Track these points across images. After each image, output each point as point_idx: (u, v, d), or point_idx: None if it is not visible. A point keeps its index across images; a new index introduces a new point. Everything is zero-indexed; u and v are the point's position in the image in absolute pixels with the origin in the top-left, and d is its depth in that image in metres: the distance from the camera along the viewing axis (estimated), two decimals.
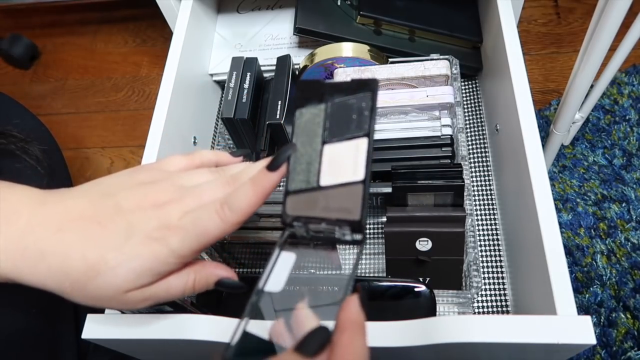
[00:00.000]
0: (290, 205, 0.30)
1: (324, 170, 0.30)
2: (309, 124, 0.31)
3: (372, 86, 0.30)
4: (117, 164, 0.98)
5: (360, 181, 0.29)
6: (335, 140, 0.30)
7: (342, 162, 0.30)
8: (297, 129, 0.32)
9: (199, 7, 0.64)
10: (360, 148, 0.29)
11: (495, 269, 0.54)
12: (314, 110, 0.31)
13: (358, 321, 0.25)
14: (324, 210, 0.29)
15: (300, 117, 0.32)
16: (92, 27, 1.18)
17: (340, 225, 0.29)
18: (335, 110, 0.31)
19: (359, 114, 0.30)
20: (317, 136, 0.31)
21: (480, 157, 0.62)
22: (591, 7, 0.55)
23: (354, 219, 0.28)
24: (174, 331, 0.36)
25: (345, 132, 0.30)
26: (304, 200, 0.30)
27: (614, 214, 0.74)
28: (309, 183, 0.30)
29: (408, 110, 0.53)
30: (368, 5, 0.61)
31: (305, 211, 0.30)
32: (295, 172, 0.31)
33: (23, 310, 0.45)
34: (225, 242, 0.52)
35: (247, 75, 0.60)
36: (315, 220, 0.30)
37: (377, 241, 0.58)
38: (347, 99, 0.31)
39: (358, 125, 0.30)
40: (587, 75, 0.59)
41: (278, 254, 0.30)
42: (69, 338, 0.51)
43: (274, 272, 0.29)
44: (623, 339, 0.64)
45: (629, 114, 0.83)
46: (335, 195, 0.29)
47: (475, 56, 0.66)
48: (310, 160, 0.31)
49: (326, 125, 0.31)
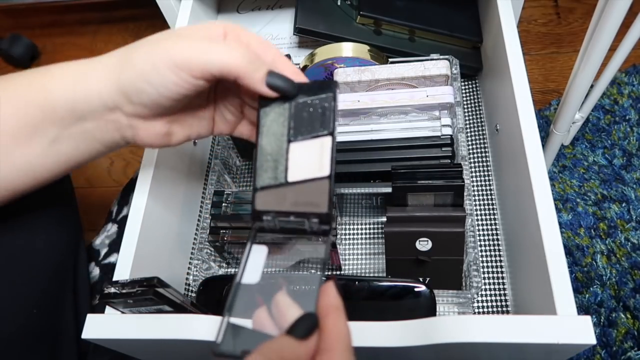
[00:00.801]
0: (259, 201, 0.32)
1: (291, 167, 0.32)
2: (274, 123, 0.33)
3: (332, 88, 0.32)
4: (117, 164, 0.98)
5: (326, 176, 0.31)
6: (301, 139, 0.32)
7: (308, 159, 0.32)
8: (262, 127, 0.33)
9: (199, 7, 0.64)
10: (325, 146, 0.32)
11: (495, 269, 0.54)
12: (278, 109, 0.33)
13: (337, 305, 0.27)
14: (293, 204, 0.31)
15: (265, 116, 0.33)
16: (92, 27, 1.18)
17: (309, 218, 0.31)
18: (298, 110, 0.33)
19: (322, 114, 0.32)
20: (282, 135, 0.33)
21: (480, 157, 0.62)
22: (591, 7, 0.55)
23: (322, 212, 0.30)
24: (174, 331, 0.36)
25: (310, 131, 0.32)
26: (273, 196, 0.32)
27: (614, 214, 0.74)
28: (276, 179, 0.32)
29: (408, 110, 0.53)
30: (368, 5, 0.61)
31: (275, 206, 0.32)
32: (263, 169, 0.33)
33: (23, 310, 0.45)
34: (226, 242, 0.52)
35: None
36: (284, 214, 0.32)
37: (377, 241, 0.58)
38: (310, 99, 0.33)
39: (322, 124, 0.32)
40: (587, 75, 0.59)
41: (250, 247, 0.32)
42: (69, 338, 0.51)
43: (249, 265, 0.31)
44: (623, 339, 0.64)
45: (629, 114, 0.83)
46: (303, 190, 0.31)
47: (475, 56, 0.66)
48: (277, 157, 0.32)
49: (291, 125, 0.33)
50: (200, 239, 0.53)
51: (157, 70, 0.32)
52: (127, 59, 0.34)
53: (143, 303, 0.38)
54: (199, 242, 0.53)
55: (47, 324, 0.48)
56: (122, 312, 0.40)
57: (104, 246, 0.68)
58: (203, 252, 0.53)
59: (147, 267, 0.45)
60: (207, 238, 0.52)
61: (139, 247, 0.44)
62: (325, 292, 0.28)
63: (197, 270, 0.54)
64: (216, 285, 0.51)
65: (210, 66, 0.31)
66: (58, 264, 0.50)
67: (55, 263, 0.50)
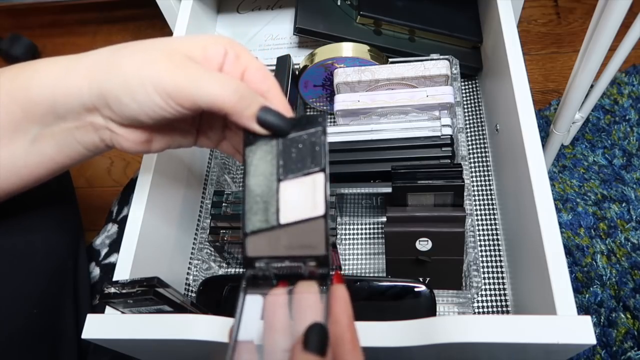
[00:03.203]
0: (251, 247, 0.30)
1: (282, 208, 0.30)
2: (262, 162, 0.31)
3: (321, 122, 0.30)
4: (117, 164, 0.98)
5: (321, 216, 0.29)
6: (291, 177, 0.30)
7: (301, 198, 0.30)
8: (249, 167, 0.31)
9: (199, 7, 0.64)
10: (317, 183, 0.30)
11: (495, 269, 0.54)
12: (264, 147, 0.31)
13: (352, 314, 0.27)
14: (287, 248, 0.29)
15: (252, 154, 0.31)
16: (92, 27, 1.18)
17: (306, 261, 0.29)
18: (287, 146, 0.31)
19: (312, 149, 0.30)
20: (272, 174, 0.31)
21: (480, 157, 0.62)
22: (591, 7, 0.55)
23: (319, 254, 0.29)
24: (174, 331, 0.36)
25: (300, 168, 0.30)
26: (265, 240, 0.30)
27: (614, 214, 0.74)
28: (268, 222, 0.30)
29: (408, 110, 0.53)
30: (368, 5, 0.61)
31: (268, 251, 0.30)
32: (252, 212, 0.30)
33: (23, 310, 0.45)
34: (226, 242, 0.52)
35: None
36: (279, 259, 0.29)
37: (377, 241, 0.58)
38: (298, 135, 0.31)
39: (313, 160, 0.30)
40: (587, 75, 0.59)
41: (243, 299, 0.29)
42: (69, 338, 0.51)
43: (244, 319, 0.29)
44: (623, 339, 0.64)
45: (629, 114, 0.83)
46: (297, 231, 0.29)
47: (475, 56, 0.66)
48: (267, 199, 0.30)
49: (280, 163, 0.31)
50: (200, 239, 0.53)
51: (145, 90, 0.31)
52: (114, 64, 0.32)
53: (143, 303, 0.38)
54: (199, 242, 0.53)
55: (47, 324, 0.48)
56: (122, 312, 0.40)
57: (104, 246, 0.68)
58: (203, 252, 0.53)
59: (147, 267, 0.45)
60: (207, 238, 0.52)
61: (139, 247, 0.44)
62: (337, 298, 0.27)
63: (197, 270, 0.54)
64: (216, 285, 0.51)
65: (199, 100, 0.30)
66: (58, 264, 0.50)
67: (55, 263, 0.50)
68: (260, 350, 0.28)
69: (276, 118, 0.31)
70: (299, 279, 0.29)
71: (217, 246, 0.53)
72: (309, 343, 0.25)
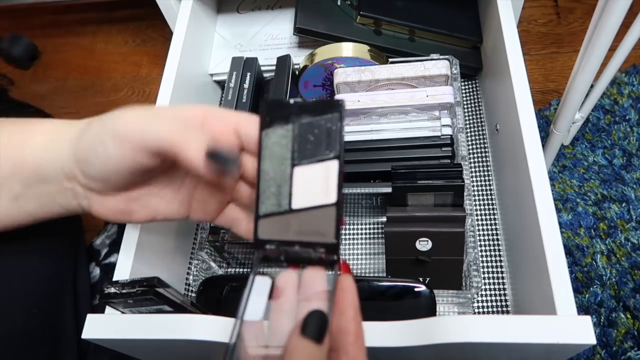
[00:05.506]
0: (262, 229, 0.30)
1: (295, 193, 0.30)
2: (277, 146, 0.31)
3: (338, 107, 0.30)
4: None
5: (333, 204, 0.29)
6: (306, 163, 0.30)
7: (314, 184, 0.30)
8: (264, 150, 0.31)
9: (199, 7, 0.64)
10: (331, 170, 0.29)
11: (495, 269, 0.54)
12: (280, 131, 0.31)
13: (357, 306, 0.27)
14: (298, 233, 0.29)
15: (267, 138, 0.31)
16: (92, 27, 1.18)
17: (315, 248, 0.29)
18: (302, 131, 0.31)
19: (327, 136, 0.30)
20: (286, 159, 0.31)
21: (480, 157, 0.62)
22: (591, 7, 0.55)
23: (329, 242, 0.29)
24: (174, 331, 0.36)
25: (315, 154, 0.30)
26: (276, 224, 0.30)
27: (614, 214, 0.74)
28: (280, 206, 0.30)
29: (408, 110, 0.53)
30: (368, 5, 0.61)
31: (278, 235, 0.30)
32: (265, 195, 0.30)
33: (23, 310, 0.45)
34: (226, 242, 0.52)
35: (247, 75, 0.60)
36: (289, 243, 0.30)
37: (377, 241, 0.58)
38: (314, 120, 0.30)
39: (327, 147, 0.30)
40: (587, 75, 0.59)
41: (252, 279, 0.29)
42: (69, 338, 0.51)
43: (251, 299, 0.29)
44: (623, 339, 0.64)
45: (629, 114, 0.83)
46: (309, 218, 0.29)
47: (475, 56, 0.66)
48: (280, 183, 0.30)
49: (295, 147, 0.30)
50: (200, 239, 0.53)
51: (101, 140, 0.30)
52: (87, 128, 0.33)
53: (143, 303, 0.38)
54: (199, 242, 0.53)
55: (47, 324, 0.48)
56: (122, 312, 0.40)
57: (104, 246, 0.68)
58: (203, 252, 0.53)
59: (147, 267, 0.45)
60: (207, 238, 0.52)
61: (139, 247, 0.44)
62: (344, 289, 0.27)
63: (197, 270, 0.54)
64: (216, 285, 0.51)
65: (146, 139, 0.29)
66: (58, 264, 0.50)
67: (55, 263, 0.50)
68: (266, 330, 0.28)
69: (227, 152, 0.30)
70: (309, 264, 0.29)
71: (217, 246, 0.53)
72: (306, 328, 0.25)
